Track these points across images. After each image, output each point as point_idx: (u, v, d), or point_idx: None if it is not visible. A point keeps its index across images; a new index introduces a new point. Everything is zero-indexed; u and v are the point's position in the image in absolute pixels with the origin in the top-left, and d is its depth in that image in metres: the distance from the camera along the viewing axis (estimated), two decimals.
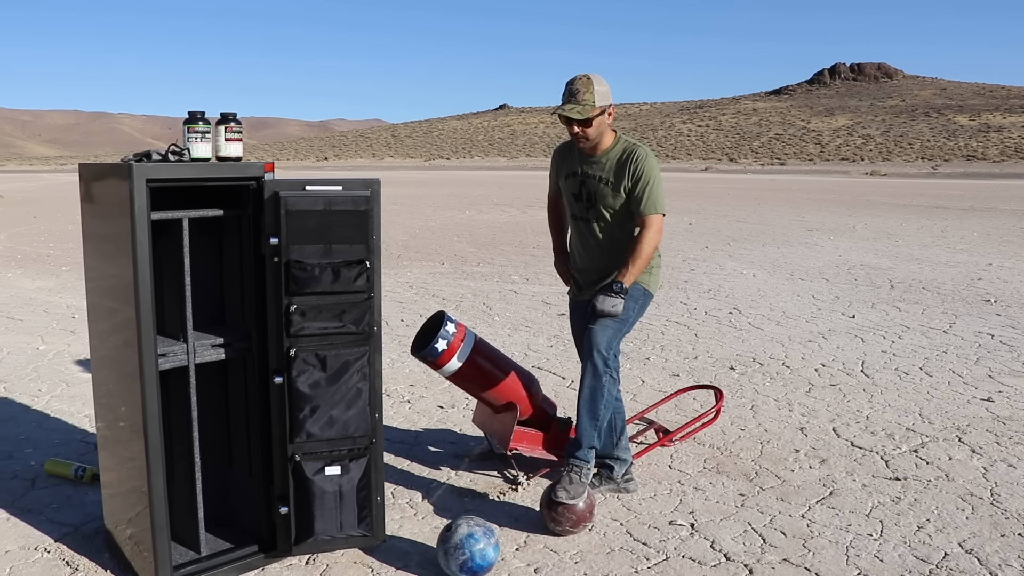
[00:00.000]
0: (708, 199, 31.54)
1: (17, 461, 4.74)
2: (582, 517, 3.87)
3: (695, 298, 10.18)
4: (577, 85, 3.94)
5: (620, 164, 4.03)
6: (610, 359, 3.99)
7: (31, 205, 27.15)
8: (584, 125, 3.97)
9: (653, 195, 3.98)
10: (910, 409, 5.81)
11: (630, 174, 3.99)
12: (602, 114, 3.97)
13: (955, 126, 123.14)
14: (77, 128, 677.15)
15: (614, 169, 4.04)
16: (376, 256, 3.41)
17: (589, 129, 3.98)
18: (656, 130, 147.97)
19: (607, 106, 3.98)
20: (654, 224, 3.97)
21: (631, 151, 4.02)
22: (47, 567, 3.56)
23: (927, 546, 3.82)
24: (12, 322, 8.48)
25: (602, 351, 3.97)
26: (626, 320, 4.06)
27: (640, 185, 3.97)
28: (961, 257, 14.08)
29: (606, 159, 4.07)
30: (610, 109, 4.01)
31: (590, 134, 4.00)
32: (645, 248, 3.95)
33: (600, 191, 4.08)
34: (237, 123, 3.38)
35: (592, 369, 3.99)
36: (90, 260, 3.54)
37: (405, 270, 12.41)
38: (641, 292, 4.14)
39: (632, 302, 4.08)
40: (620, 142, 4.09)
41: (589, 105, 3.92)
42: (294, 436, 3.38)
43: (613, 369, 4.02)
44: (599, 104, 3.93)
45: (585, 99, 3.92)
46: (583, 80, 3.94)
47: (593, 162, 4.11)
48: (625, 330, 4.08)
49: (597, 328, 4.01)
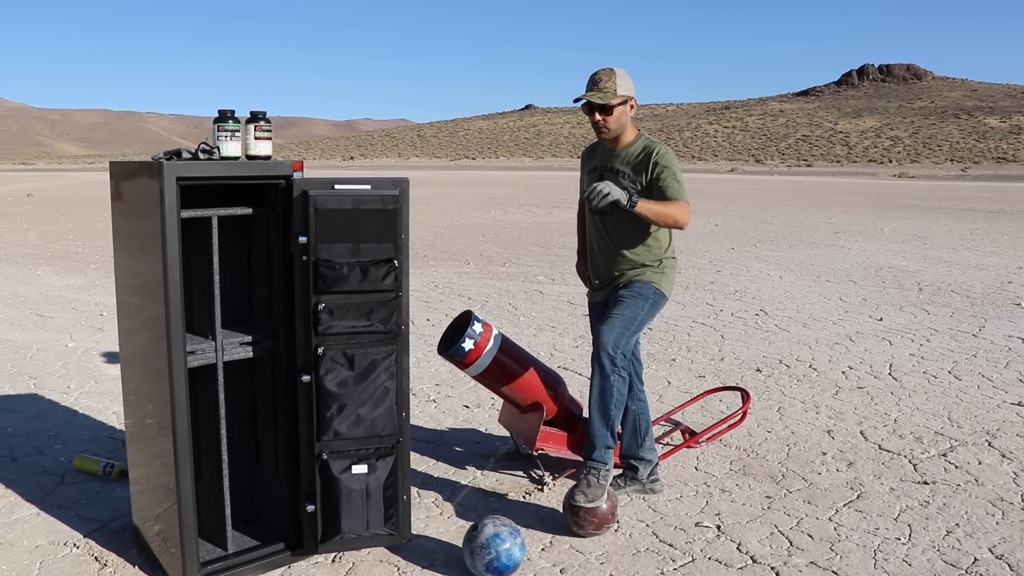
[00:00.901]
0: (734, 200, 31.40)
1: (47, 457, 4.79)
2: (604, 519, 3.86)
3: (721, 299, 10.14)
4: (600, 75, 3.99)
5: (639, 160, 4.03)
6: (617, 358, 3.97)
7: (60, 203, 27.41)
8: (605, 113, 3.99)
9: (676, 184, 3.95)
10: (939, 413, 5.76)
11: (650, 168, 3.98)
12: (623, 104, 3.99)
13: (985, 128, 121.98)
14: (105, 127, 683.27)
15: (632, 164, 4.04)
16: (404, 255, 3.42)
17: (610, 118, 4.00)
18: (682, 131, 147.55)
19: (629, 97, 3.99)
20: (684, 204, 3.93)
21: (651, 147, 4.02)
22: (76, 562, 3.59)
23: (956, 551, 3.78)
24: (41, 319, 8.57)
25: (609, 350, 3.96)
26: (633, 319, 4.02)
27: (663, 176, 3.95)
28: (991, 260, 13.94)
29: (626, 154, 4.08)
30: (632, 101, 4.02)
31: (611, 123, 4.01)
32: (672, 208, 3.89)
33: (617, 185, 4.07)
34: (267, 122, 3.39)
35: (600, 369, 3.98)
36: (120, 258, 3.56)
37: (431, 269, 12.43)
38: (652, 291, 4.10)
39: (642, 301, 4.05)
40: (641, 139, 4.09)
41: (611, 93, 3.95)
42: (321, 434, 3.39)
43: (621, 368, 3.99)
44: (621, 93, 3.96)
45: (607, 87, 3.95)
46: (606, 71, 3.98)
47: (613, 156, 4.13)
48: (633, 329, 4.04)
49: (604, 328, 4.01)
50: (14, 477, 4.50)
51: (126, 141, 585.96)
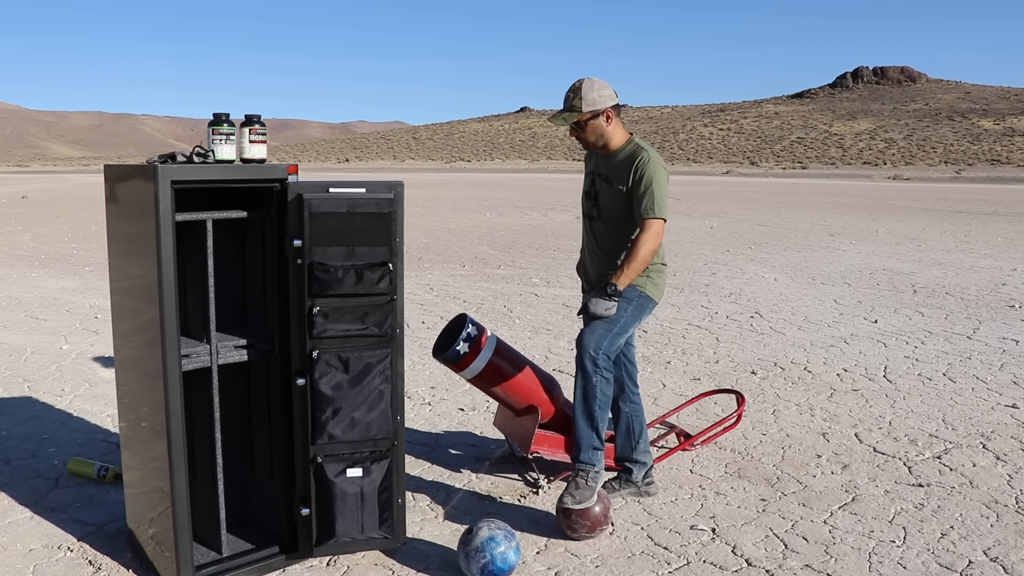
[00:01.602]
0: (729, 203, 31.43)
1: (40, 460, 4.78)
2: (598, 522, 3.86)
3: (716, 302, 10.15)
4: (569, 92, 4.03)
5: (623, 164, 4.03)
6: (599, 359, 3.97)
7: (55, 206, 27.37)
8: (577, 130, 4.05)
9: (653, 198, 3.93)
10: (933, 415, 5.77)
11: (632, 175, 3.98)
12: (594, 118, 4.00)
13: (979, 130, 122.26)
14: (100, 129, 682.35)
15: (617, 169, 4.05)
16: (399, 258, 3.42)
17: (584, 133, 4.06)
18: (677, 133, 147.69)
19: (599, 110, 4.00)
20: (652, 227, 3.92)
21: (636, 153, 4.02)
22: (70, 566, 3.58)
23: (951, 553, 3.78)
24: (36, 322, 8.55)
25: (590, 352, 3.96)
26: (616, 321, 4.01)
27: (642, 187, 3.95)
28: (985, 262, 13.97)
29: (615, 160, 4.09)
30: (607, 112, 4.01)
31: (587, 137, 4.07)
32: (640, 251, 3.90)
33: (605, 190, 4.11)
34: (261, 125, 3.39)
35: (582, 371, 3.99)
36: (114, 260, 3.56)
37: (426, 272, 12.43)
38: (636, 294, 4.08)
39: (625, 303, 4.03)
40: (630, 144, 4.09)
41: (577, 110, 3.98)
42: (316, 438, 3.39)
43: (604, 369, 3.99)
44: (587, 109, 3.97)
45: (574, 104, 3.99)
46: (574, 87, 4.01)
47: (604, 161, 4.15)
48: (616, 330, 4.03)
49: (586, 330, 4.02)
50: (8, 480, 4.49)
51: (121, 143, 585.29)
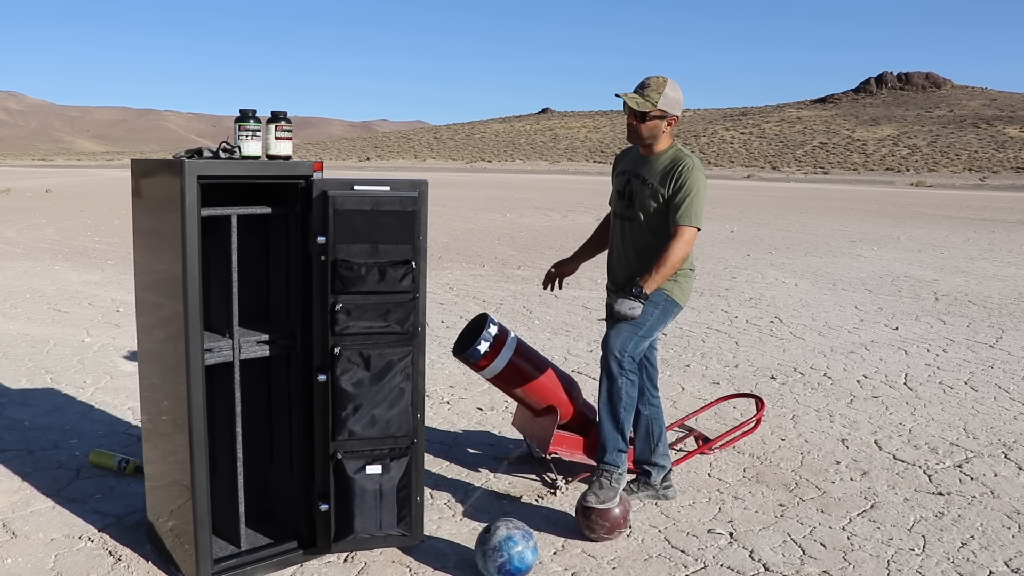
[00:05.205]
0: (750, 207, 31.32)
1: (62, 451, 4.82)
2: (617, 523, 3.86)
3: (736, 306, 10.11)
4: (650, 80, 3.98)
5: (666, 170, 4.01)
6: (625, 361, 3.97)
7: (78, 200, 27.56)
8: (639, 119, 3.98)
9: (691, 206, 3.94)
10: (954, 423, 5.73)
11: (673, 181, 3.97)
12: (661, 118, 3.97)
13: (1004, 137, 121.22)
14: (124, 124, 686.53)
15: (659, 174, 4.03)
16: (422, 257, 3.43)
17: (643, 125, 3.99)
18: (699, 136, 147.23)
19: (669, 114, 3.98)
20: (685, 235, 3.93)
21: (679, 159, 4.00)
22: (90, 556, 3.61)
23: (971, 563, 3.76)
24: (59, 314, 8.62)
25: (616, 353, 3.96)
26: (642, 324, 4.01)
27: (681, 194, 3.94)
28: (1009, 271, 13.86)
29: (656, 162, 4.06)
30: (671, 118, 4.00)
31: (642, 132, 4.01)
32: (671, 256, 3.90)
33: (641, 191, 4.08)
34: (287, 122, 3.41)
35: (607, 372, 3.99)
36: (139, 255, 3.58)
37: (446, 271, 12.45)
38: (663, 298, 4.08)
39: (652, 307, 4.02)
40: (672, 149, 4.07)
41: (651, 103, 3.93)
42: (336, 434, 3.40)
43: (629, 371, 3.99)
44: (661, 106, 3.94)
45: (650, 96, 3.94)
46: (658, 80, 3.97)
47: (643, 163, 4.12)
48: (642, 333, 4.03)
49: (612, 332, 4.02)
50: (30, 470, 4.53)
51: (144, 139, 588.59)
